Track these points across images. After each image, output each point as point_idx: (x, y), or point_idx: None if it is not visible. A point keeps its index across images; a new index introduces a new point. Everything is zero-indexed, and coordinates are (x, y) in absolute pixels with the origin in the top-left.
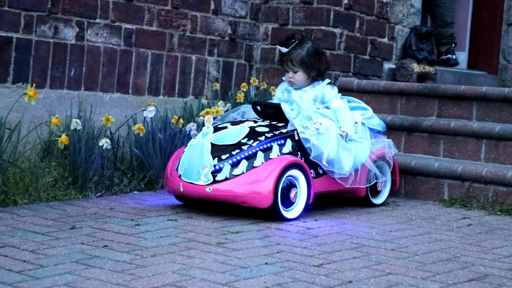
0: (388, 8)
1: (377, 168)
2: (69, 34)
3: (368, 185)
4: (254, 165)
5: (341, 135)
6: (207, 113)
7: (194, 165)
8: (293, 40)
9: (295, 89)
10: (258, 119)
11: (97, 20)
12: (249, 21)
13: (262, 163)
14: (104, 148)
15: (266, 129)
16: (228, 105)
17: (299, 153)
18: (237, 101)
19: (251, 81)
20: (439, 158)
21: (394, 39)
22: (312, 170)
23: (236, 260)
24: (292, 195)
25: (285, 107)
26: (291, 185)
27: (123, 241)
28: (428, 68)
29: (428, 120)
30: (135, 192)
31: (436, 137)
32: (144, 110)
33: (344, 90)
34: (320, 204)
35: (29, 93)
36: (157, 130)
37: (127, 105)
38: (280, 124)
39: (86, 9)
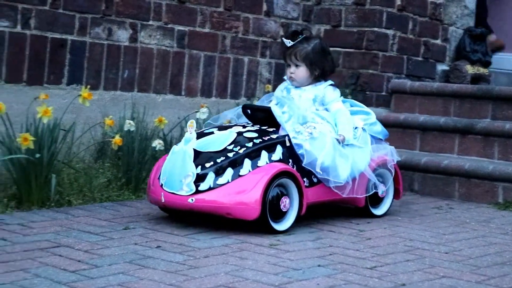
0: (441, 9)
1: (378, 177)
2: (122, 36)
3: (366, 194)
4: (240, 173)
5: (337, 140)
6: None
7: (176, 173)
8: (300, 35)
9: (295, 87)
10: (249, 123)
11: (150, 22)
12: (301, 22)
13: (249, 171)
14: (157, 149)
15: (255, 135)
16: None
17: (290, 160)
18: None
19: None
20: (493, 160)
21: (447, 40)
22: (305, 179)
23: (288, 262)
24: (282, 206)
25: (275, 110)
26: (281, 195)
27: (176, 242)
28: (482, 70)
29: (482, 122)
30: None
31: (491, 140)
32: (196, 111)
33: (396, 92)
34: None
35: (84, 95)
36: None
37: (180, 106)
38: (271, 129)
39: (139, 11)
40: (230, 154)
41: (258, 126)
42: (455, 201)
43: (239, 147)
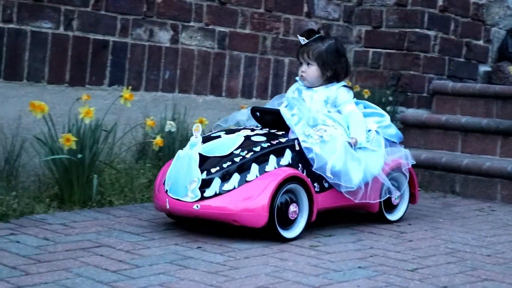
0: (483, 10)
1: (392, 181)
2: (164, 37)
3: (380, 200)
4: (247, 179)
5: (349, 143)
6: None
7: (181, 179)
8: (316, 34)
9: (307, 88)
10: (258, 126)
11: (191, 23)
12: (342, 23)
13: (257, 176)
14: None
15: (263, 138)
16: None
17: (300, 165)
18: None
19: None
20: None
21: (490, 41)
22: (316, 184)
23: (329, 263)
24: (290, 212)
25: (284, 113)
26: (290, 202)
27: (216, 243)
28: None
29: None
30: None
31: None
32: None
33: (438, 93)
34: (413, 207)
35: (125, 96)
36: None
37: (220, 107)
38: (280, 133)
39: (181, 12)
40: (237, 159)
41: (267, 129)
42: (497, 203)
43: (246, 152)
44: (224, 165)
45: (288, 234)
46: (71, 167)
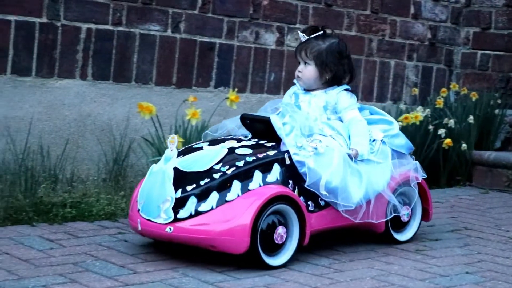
0: None
1: (402, 196)
2: (269, 39)
3: (385, 219)
4: (227, 198)
5: (349, 155)
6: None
7: (154, 197)
8: (319, 32)
9: (305, 92)
10: (247, 136)
11: (297, 25)
12: (449, 25)
13: (238, 195)
14: None
15: (249, 151)
16: (427, 110)
17: (290, 181)
18: (436, 106)
19: (451, 86)
20: None
21: None
22: (310, 202)
23: (435, 268)
24: (276, 237)
25: (275, 121)
26: (278, 223)
27: (322, 245)
28: None
29: None
30: None
31: None
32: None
33: None
34: None
35: (231, 97)
36: None
37: None
38: (270, 144)
39: (287, 14)
40: (217, 175)
41: (256, 139)
42: None
43: (227, 167)
44: (202, 182)
45: (274, 261)
46: None
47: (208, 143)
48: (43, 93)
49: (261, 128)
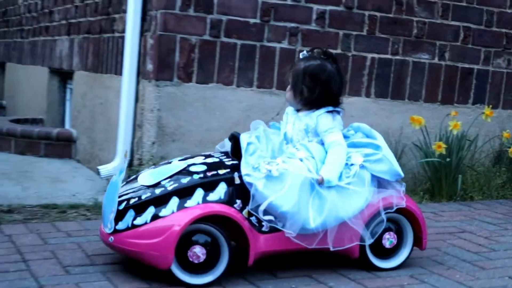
0: None
1: (390, 223)
2: None
3: (343, 247)
4: (161, 214)
5: (317, 180)
6: None
7: (107, 207)
8: (308, 52)
9: (294, 112)
10: (223, 153)
11: None
12: None
13: (173, 212)
14: None
15: (203, 168)
16: None
17: (238, 201)
18: None
19: None
20: None
21: None
22: (265, 223)
23: None
24: (191, 254)
25: (242, 140)
26: (207, 243)
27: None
28: None
29: None
30: None
31: None
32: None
33: None
34: None
35: (486, 112)
36: None
37: None
38: (231, 163)
39: None
40: (158, 190)
41: (230, 158)
42: None
43: (172, 183)
44: (143, 196)
45: (196, 280)
46: (441, 168)
47: (181, 158)
48: None
49: (232, 147)
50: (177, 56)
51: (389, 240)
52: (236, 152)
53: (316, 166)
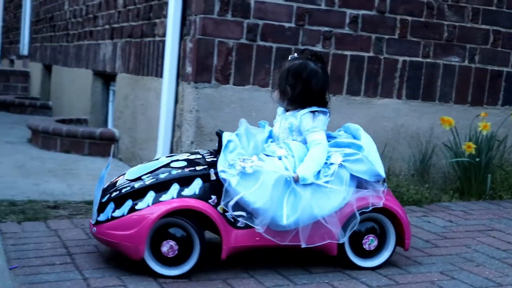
0: None
1: (372, 222)
2: None
3: (317, 244)
4: (137, 207)
5: (293, 178)
6: None
7: (96, 199)
8: (295, 54)
9: (283, 112)
10: (209, 150)
11: None
12: None
13: (148, 205)
14: None
15: (182, 164)
16: None
17: (213, 196)
18: None
19: None
20: None
21: None
22: (241, 218)
23: None
24: (163, 249)
25: (224, 137)
26: (182, 237)
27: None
28: None
29: None
30: None
31: None
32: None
33: None
34: None
35: None
36: None
37: None
38: (210, 160)
39: None
40: (137, 184)
41: (208, 154)
42: None
43: (151, 177)
44: (123, 190)
45: (169, 271)
46: (470, 168)
47: (169, 155)
48: (369, 109)
49: (218, 144)
50: (215, 59)
51: (370, 240)
52: (220, 149)
53: (294, 164)
